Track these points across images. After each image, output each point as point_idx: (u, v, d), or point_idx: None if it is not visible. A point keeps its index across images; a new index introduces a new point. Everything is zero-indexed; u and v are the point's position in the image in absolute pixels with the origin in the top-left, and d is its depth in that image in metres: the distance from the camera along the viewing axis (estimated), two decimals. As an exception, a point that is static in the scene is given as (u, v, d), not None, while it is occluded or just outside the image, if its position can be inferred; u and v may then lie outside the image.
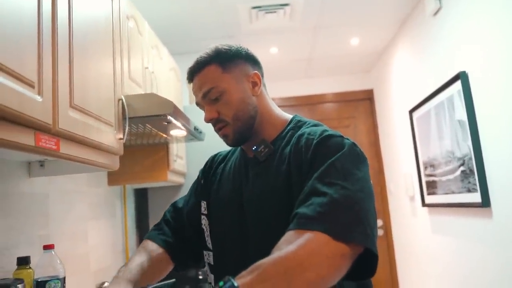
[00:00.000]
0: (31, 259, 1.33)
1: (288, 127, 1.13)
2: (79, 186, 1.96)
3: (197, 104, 1.16)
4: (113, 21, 1.55)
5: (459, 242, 2.51)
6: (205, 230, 1.22)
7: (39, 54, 0.99)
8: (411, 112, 3.13)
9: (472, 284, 2.40)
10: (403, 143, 3.44)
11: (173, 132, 1.95)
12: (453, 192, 2.51)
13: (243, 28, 3.09)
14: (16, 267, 1.30)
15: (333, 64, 4.06)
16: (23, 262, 1.31)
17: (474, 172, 2.20)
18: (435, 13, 2.61)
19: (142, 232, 2.72)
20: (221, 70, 1.10)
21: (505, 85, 1.93)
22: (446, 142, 2.54)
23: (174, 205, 1.35)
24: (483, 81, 2.12)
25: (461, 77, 2.27)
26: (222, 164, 1.27)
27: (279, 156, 1.07)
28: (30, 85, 0.94)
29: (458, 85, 2.31)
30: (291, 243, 0.82)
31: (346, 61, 3.99)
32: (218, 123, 1.12)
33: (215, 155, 1.35)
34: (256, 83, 1.14)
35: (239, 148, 1.24)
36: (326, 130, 1.04)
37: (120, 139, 1.50)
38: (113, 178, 2.28)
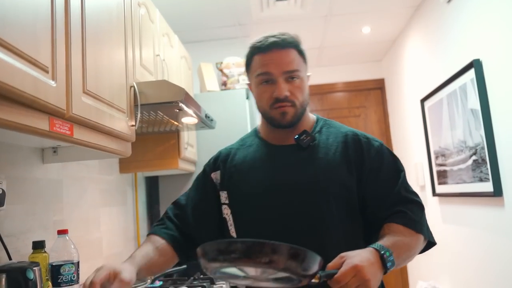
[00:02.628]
0: (46, 244, 1.36)
1: (320, 123, 1.28)
2: (92, 173, 1.98)
3: (266, 73, 1.18)
4: (125, 8, 1.55)
5: (470, 232, 2.50)
6: (227, 219, 1.25)
7: (53, 40, 1.00)
8: (422, 101, 3.10)
9: (483, 273, 2.39)
10: (414, 132, 3.42)
11: (185, 120, 1.95)
12: (464, 182, 2.49)
13: (254, 16, 3.08)
14: (31, 251, 1.32)
15: (344, 53, 4.02)
16: (39, 246, 1.33)
17: (487, 161, 2.18)
18: (449, 0, 2.57)
19: (153, 219, 2.75)
20: (302, 59, 1.22)
21: (520, 73, 1.90)
22: (458, 131, 2.52)
23: (176, 202, 1.37)
24: (498, 69, 2.09)
25: (475, 65, 2.24)
26: (237, 156, 1.30)
27: (327, 146, 1.20)
28: (44, 70, 0.95)
29: (471, 73, 2.28)
30: (405, 236, 1.10)
31: (357, 50, 3.95)
32: (285, 101, 1.17)
33: (223, 150, 1.38)
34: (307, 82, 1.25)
35: (256, 139, 1.31)
36: (369, 136, 1.26)
37: (132, 125, 1.51)
38: (125, 165, 2.30)
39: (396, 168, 1.21)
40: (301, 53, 1.21)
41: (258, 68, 1.20)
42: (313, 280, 0.91)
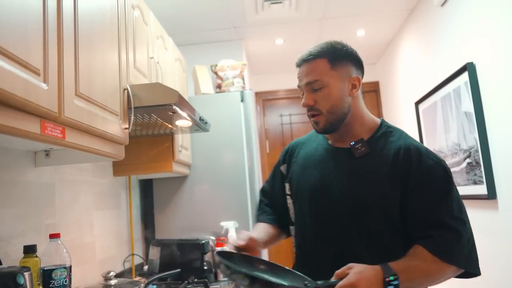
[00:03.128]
0: (38, 248, 1.34)
1: (380, 131, 1.27)
2: (85, 176, 1.97)
3: (298, 87, 1.29)
4: (118, 10, 1.54)
5: (465, 235, 2.51)
6: (290, 208, 1.38)
7: (45, 42, 0.99)
8: (417, 104, 3.11)
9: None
10: (409, 135, 3.42)
11: (179, 123, 1.94)
12: (458, 184, 2.49)
13: (248, 19, 3.08)
14: (22, 255, 1.31)
15: (339, 56, 4.03)
16: (30, 250, 1.31)
17: (480, 164, 2.19)
18: (443, 4, 2.58)
19: (147, 222, 2.73)
20: (330, 66, 1.23)
21: (513, 76, 1.91)
22: (452, 134, 2.53)
23: (262, 190, 1.52)
24: (491, 72, 2.10)
25: (469, 68, 2.24)
26: (302, 150, 1.39)
27: (378, 157, 1.21)
28: (36, 72, 0.94)
29: (465, 76, 2.29)
30: (426, 262, 1.10)
31: (352, 52, 3.96)
32: (312, 110, 1.24)
33: (295, 141, 1.47)
34: (355, 86, 1.25)
35: (321, 136, 1.36)
36: (428, 153, 1.20)
37: (126, 128, 1.50)
38: (118, 168, 2.28)
39: (444, 191, 1.16)
40: (332, 60, 1.23)
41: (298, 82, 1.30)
42: None
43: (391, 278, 1.02)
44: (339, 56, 1.24)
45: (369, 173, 1.20)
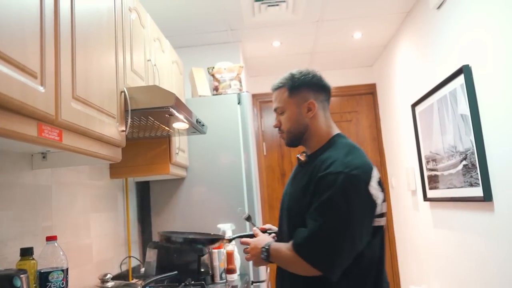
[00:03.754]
0: (34, 250, 1.34)
1: (325, 145, 1.46)
2: (82, 179, 1.97)
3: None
4: (116, 13, 1.55)
5: (461, 236, 2.52)
6: None
7: (42, 45, 0.99)
8: (413, 106, 3.12)
9: (473, 278, 2.40)
10: (405, 137, 3.44)
11: (176, 125, 1.95)
12: (455, 186, 2.51)
13: (245, 21, 3.08)
14: (19, 257, 1.30)
15: (336, 58, 4.05)
16: (26, 253, 1.31)
17: (476, 166, 2.20)
18: (439, 6, 2.59)
19: (144, 225, 2.73)
20: (288, 94, 1.49)
21: (508, 79, 1.92)
22: (449, 136, 2.54)
23: None
24: (487, 75, 2.11)
25: (464, 71, 2.26)
26: None
27: (308, 168, 1.43)
28: (33, 75, 0.94)
29: (461, 79, 2.30)
30: (288, 249, 1.36)
31: (349, 55, 3.98)
32: (279, 130, 1.54)
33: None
34: (310, 109, 1.47)
35: None
36: (331, 164, 1.34)
37: (123, 131, 1.50)
38: (115, 171, 2.28)
39: (322, 197, 1.31)
40: (290, 89, 1.48)
41: None
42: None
43: (263, 249, 1.42)
44: (296, 85, 1.47)
45: (298, 181, 1.46)
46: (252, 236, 1.55)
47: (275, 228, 1.63)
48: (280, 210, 1.56)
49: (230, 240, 1.70)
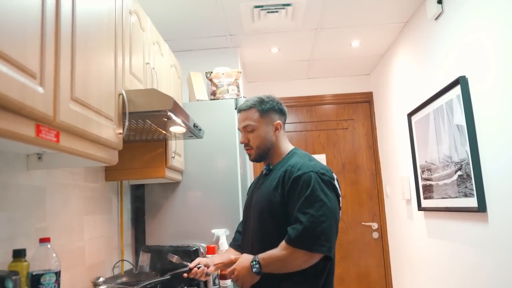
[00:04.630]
0: (27, 252, 1.33)
1: (287, 157, 1.71)
2: (76, 181, 1.95)
3: (238, 128, 1.76)
4: (116, 15, 1.55)
5: (455, 247, 2.52)
6: None
7: (42, 46, 0.98)
8: (410, 115, 3.13)
9: (466, 287, 2.41)
10: (401, 146, 3.45)
11: (173, 129, 1.94)
12: (449, 197, 2.51)
13: (245, 27, 3.09)
14: (11, 259, 1.29)
15: (334, 66, 4.06)
16: (19, 254, 1.30)
17: (471, 176, 2.21)
18: (437, 18, 2.62)
19: (138, 228, 2.71)
20: (259, 114, 1.71)
21: (504, 91, 1.94)
22: (444, 146, 2.55)
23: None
24: (483, 86, 2.12)
25: (461, 81, 2.27)
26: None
27: (273, 176, 1.67)
28: (32, 76, 0.94)
29: (457, 89, 2.32)
30: (281, 250, 1.51)
31: (347, 63, 3.99)
32: (246, 146, 1.74)
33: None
34: (277, 128, 1.73)
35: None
36: (301, 167, 1.58)
37: (120, 133, 1.50)
38: (110, 173, 2.27)
39: (302, 193, 1.52)
40: (261, 110, 1.70)
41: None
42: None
43: (254, 262, 1.52)
44: (266, 108, 1.70)
45: (266, 187, 1.66)
46: (187, 268, 1.75)
47: (205, 260, 1.77)
48: (246, 214, 1.78)
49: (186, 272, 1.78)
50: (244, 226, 1.80)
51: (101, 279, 1.63)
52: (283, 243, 1.50)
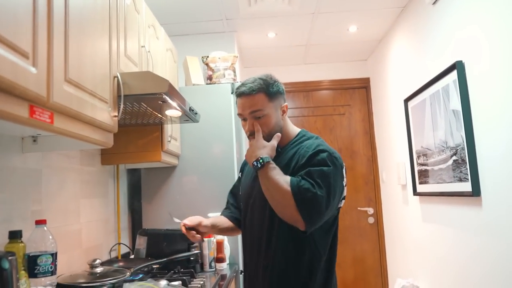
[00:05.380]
0: (24, 234, 1.34)
1: (294, 139, 1.61)
2: (72, 164, 1.96)
3: (239, 114, 1.58)
4: (110, -3, 1.53)
5: (449, 231, 2.55)
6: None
7: (34, 26, 0.98)
8: (406, 101, 3.13)
9: (460, 271, 2.44)
10: (397, 132, 3.46)
11: (168, 112, 1.94)
12: (444, 181, 2.53)
13: (241, 11, 3.07)
14: (8, 240, 1.30)
15: (331, 51, 4.04)
16: (15, 235, 1.31)
17: (466, 161, 2.22)
18: (434, 2, 2.60)
19: (134, 212, 2.73)
20: (268, 99, 1.54)
21: (500, 76, 1.94)
22: (440, 131, 2.56)
23: (230, 192, 1.90)
24: (479, 71, 2.12)
25: (457, 67, 2.27)
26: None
27: (283, 157, 1.56)
28: (25, 55, 0.93)
29: (454, 74, 2.32)
30: (284, 179, 1.42)
31: (344, 48, 3.98)
32: (253, 134, 1.56)
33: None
34: (284, 111, 1.61)
35: None
36: (319, 145, 1.51)
37: (115, 116, 1.50)
38: (107, 157, 2.27)
39: (318, 166, 1.44)
40: (269, 94, 1.54)
41: (238, 109, 1.59)
42: None
43: (262, 158, 1.45)
44: (274, 91, 1.55)
45: (279, 166, 1.51)
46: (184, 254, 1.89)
47: (207, 221, 1.68)
48: (247, 202, 1.64)
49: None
50: (246, 216, 1.65)
51: (98, 261, 1.64)
52: (287, 177, 1.43)
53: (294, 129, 1.65)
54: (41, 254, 1.32)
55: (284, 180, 1.42)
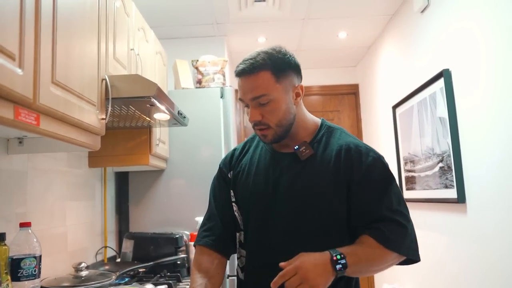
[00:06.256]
0: (7, 237, 1.32)
1: (321, 132, 1.27)
2: (59, 166, 1.94)
3: (240, 99, 1.23)
4: (100, -1, 1.53)
5: (435, 237, 2.57)
6: (237, 215, 1.34)
7: (21, 27, 0.97)
8: (394, 107, 3.16)
9: (445, 276, 2.46)
10: (385, 138, 3.49)
11: (157, 116, 1.94)
12: (430, 188, 2.56)
13: (231, 16, 3.08)
14: (-10, 243, 1.28)
15: (321, 57, 4.07)
16: (-2, 238, 1.29)
17: (452, 168, 2.25)
18: (423, 10, 2.63)
19: (122, 215, 2.71)
20: (275, 79, 1.18)
21: (486, 85, 1.97)
22: (427, 138, 2.59)
23: (206, 218, 1.42)
24: (465, 79, 2.15)
25: (444, 75, 2.30)
26: (245, 157, 1.36)
27: (321, 158, 1.22)
28: (11, 57, 0.92)
29: (441, 82, 2.35)
30: (371, 248, 1.14)
31: (333, 54, 4.01)
32: (260, 125, 1.21)
33: (235, 149, 1.43)
34: (299, 94, 1.24)
35: (261, 143, 1.35)
36: (368, 150, 1.23)
37: (102, 119, 1.49)
38: (94, 159, 2.25)
39: (384, 186, 1.19)
40: (276, 73, 1.18)
41: (239, 93, 1.24)
42: None
43: (338, 256, 1.07)
44: (281, 67, 1.19)
45: (315, 175, 1.21)
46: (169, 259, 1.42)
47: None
48: (262, 212, 1.24)
49: None
50: (262, 228, 1.24)
51: (83, 264, 1.62)
52: (372, 241, 1.14)
53: (313, 119, 1.32)
54: (25, 257, 1.30)
55: (374, 250, 1.14)
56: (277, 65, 1.18)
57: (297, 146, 1.24)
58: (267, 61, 1.18)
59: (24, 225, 1.36)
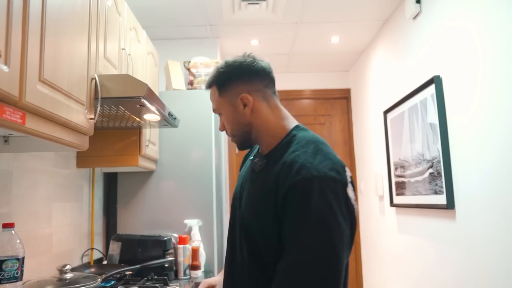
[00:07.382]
0: (-10, 237, 1.29)
1: (283, 142, 1.15)
2: (46, 166, 1.91)
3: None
4: (90, -3, 1.51)
5: (424, 242, 2.57)
6: None
7: (8, 23, 0.95)
8: (385, 113, 3.17)
9: (434, 282, 2.46)
10: (376, 143, 3.49)
11: (147, 116, 1.91)
12: (420, 194, 2.56)
13: (225, 18, 3.06)
14: (-28, 244, 1.25)
15: (313, 61, 4.07)
16: (-19, 239, 1.26)
17: (442, 175, 2.25)
18: (415, 17, 2.65)
19: (109, 217, 2.67)
20: (218, 93, 1.22)
21: (476, 92, 1.97)
22: (417, 144, 2.59)
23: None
24: (456, 86, 2.16)
25: (435, 81, 2.31)
26: (248, 157, 1.38)
27: (267, 173, 1.11)
28: (-4, 53, 0.90)
29: (432, 88, 2.36)
30: None
31: (326, 58, 4.01)
32: (226, 133, 1.26)
33: (249, 151, 1.41)
34: (245, 104, 1.18)
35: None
36: (301, 167, 1.01)
37: (91, 119, 1.47)
38: (82, 160, 2.22)
39: (300, 212, 0.97)
40: (219, 87, 1.20)
41: None
42: None
43: None
44: (223, 81, 1.20)
45: (257, 189, 1.13)
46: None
47: (217, 279, 1.42)
48: (233, 217, 1.24)
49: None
50: (230, 232, 1.25)
51: (68, 267, 1.59)
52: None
53: (283, 126, 1.19)
54: (7, 259, 1.27)
55: None
56: (219, 80, 1.21)
57: (252, 157, 1.22)
58: (214, 76, 1.23)
59: (7, 225, 1.33)
